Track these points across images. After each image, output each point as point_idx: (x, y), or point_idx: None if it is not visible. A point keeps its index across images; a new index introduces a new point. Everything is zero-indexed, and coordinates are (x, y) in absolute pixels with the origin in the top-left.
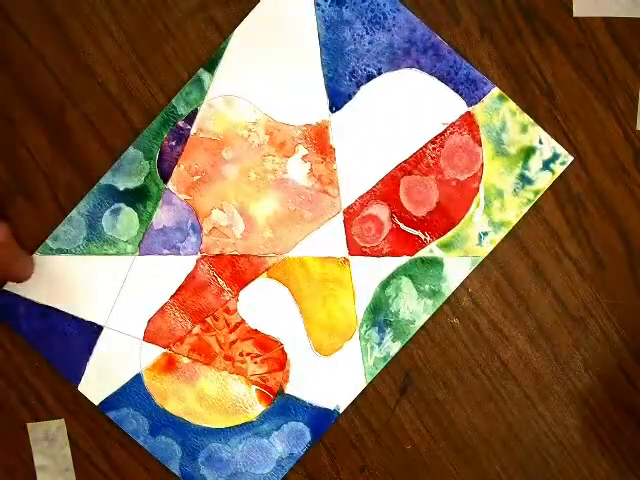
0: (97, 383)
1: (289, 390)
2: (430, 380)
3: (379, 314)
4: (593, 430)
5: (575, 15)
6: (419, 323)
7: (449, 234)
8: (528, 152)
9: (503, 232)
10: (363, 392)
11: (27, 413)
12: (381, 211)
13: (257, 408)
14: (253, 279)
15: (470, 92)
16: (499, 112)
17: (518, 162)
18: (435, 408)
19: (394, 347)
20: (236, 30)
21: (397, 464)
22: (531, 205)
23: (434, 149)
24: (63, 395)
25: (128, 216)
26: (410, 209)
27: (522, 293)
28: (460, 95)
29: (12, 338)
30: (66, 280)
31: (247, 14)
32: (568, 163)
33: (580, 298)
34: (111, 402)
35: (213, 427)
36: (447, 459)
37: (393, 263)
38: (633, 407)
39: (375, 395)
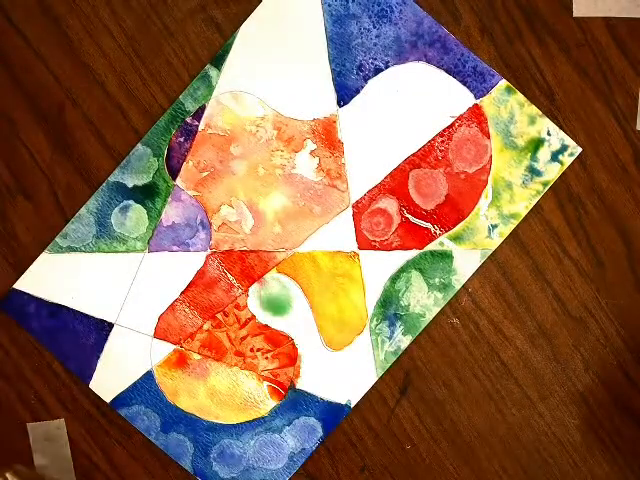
0: (108, 381)
1: (300, 385)
2: (430, 380)
3: (389, 308)
4: (593, 430)
5: (575, 15)
6: (429, 316)
7: (458, 227)
8: (536, 144)
9: (512, 224)
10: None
11: (27, 413)
12: (390, 205)
13: (268, 403)
14: (263, 274)
15: (478, 84)
16: (507, 104)
17: (527, 154)
18: (435, 408)
19: (405, 341)
20: (243, 25)
21: (397, 464)
22: (540, 197)
23: (442, 142)
24: (63, 395)
25: (137, 213)
26: (419, 202)
27: (522, 293)
28: (468, 88)
29: (12, 338)
30: (76, 278)
31: (248, 14)
32: (577, 154)
33: (580, 298)
34: (122, 399)
35: (225, 423)
36: (447, 459)
37: (403, 257)
38: (633, 407)
39: (375, 395)
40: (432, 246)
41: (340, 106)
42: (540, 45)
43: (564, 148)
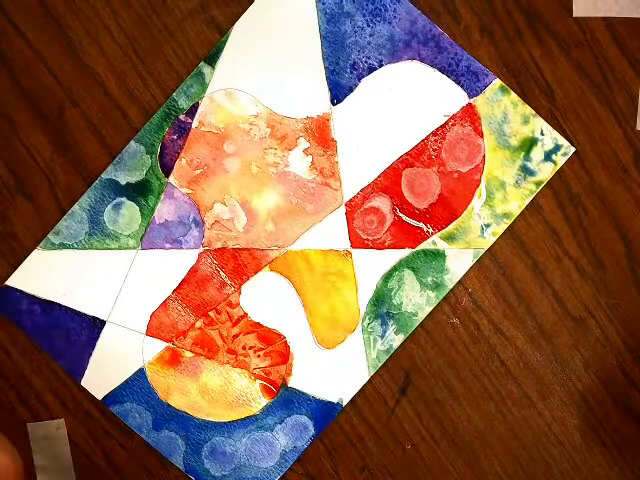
0: (100, 378)
1: (292, 383)
2: (430, 380)
3: (382, 307)
4: (593, 430)
5: (575, 15)
6: (422, 315)
7: (451, 226)
8: (530, 143)
9: (505, 224)
10: (363, 392)
11: (27, 413)
12: (383, 203)
13: (260, 402)
14: (255, 272)
15: (471, 84)
16: (500, 104)
17: (520, 153)
18: (435, 408)
19: (397, 340)
20: (237, 23)
21: (397, 464)
22: (533, 196)
23: (436, 141)
24: (63, 395)
25: (130, 210)
26: (412, 201)
27: (522, 293)
28: (461, 87)
29: (12, 338)
30: (68, 275)
31: None
32: (570, 154)
33: (580, 298)
34: (114, 397)
35: (216, 421)
36: (447, 459)
37: (395, 255)
38: (633, 407)
39: (375, 395)
40: (425, 245)
41: (334, 104)
42: (540, 45)
43: (557, 148)
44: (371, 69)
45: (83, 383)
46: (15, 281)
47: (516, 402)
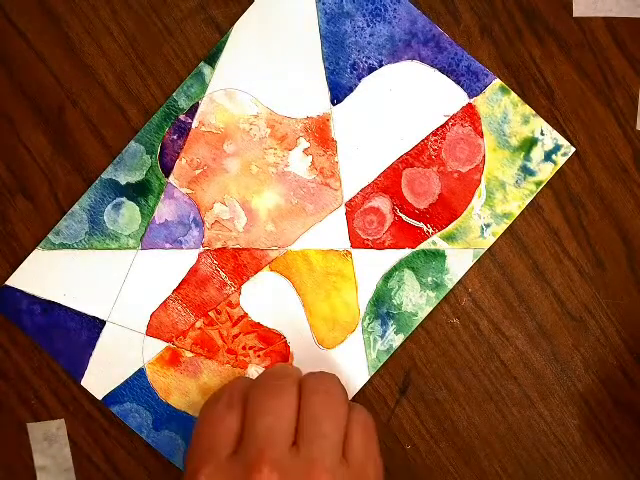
0: (100, 378)
1: None
2: (430, 380)
3: (382, 306)
4: (593, 430)
5: (575, 15)
6: (422, 315)
7: (451, 226)
8: (530, 143)
9: (505, 224)
10: (363, 392)
11: (27, 413)
12: (383, 203)
13: None
14: (255, 272)
15: (471, 84)
16: (500, 104)
17: (520, 153)
18: (435, 408)
19: (397, 340)
20: (237, 23)
21: (397, 464)
22: (533, 196)
23: (435, 141)
24: (63, 395)
25: (130, 210)
26: (412, 201)
27: (522, 293)
28: (461, 87)
29: (12, 338)
30: (68, 275)
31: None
32: (570, 154)
33: (580, 298)
34: (114, 397)
35: None
36: (447, 459)
37: (395, 255)
38: (633, 407)
39: (375, 395)
40: (425, 245)
41: (334, 104)
42: (540, 45)
43: (557, 148)
44: (371, 69)
45: (83, 383)
46: (15, 281)
47: (516, 402)
